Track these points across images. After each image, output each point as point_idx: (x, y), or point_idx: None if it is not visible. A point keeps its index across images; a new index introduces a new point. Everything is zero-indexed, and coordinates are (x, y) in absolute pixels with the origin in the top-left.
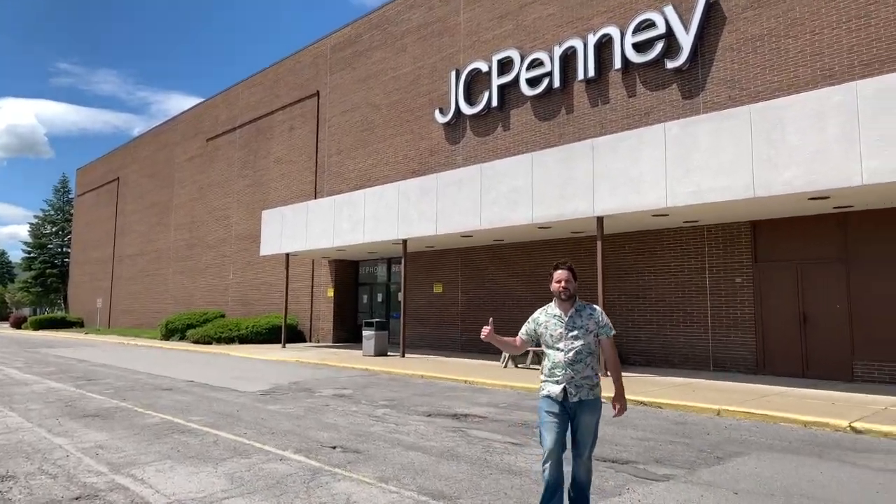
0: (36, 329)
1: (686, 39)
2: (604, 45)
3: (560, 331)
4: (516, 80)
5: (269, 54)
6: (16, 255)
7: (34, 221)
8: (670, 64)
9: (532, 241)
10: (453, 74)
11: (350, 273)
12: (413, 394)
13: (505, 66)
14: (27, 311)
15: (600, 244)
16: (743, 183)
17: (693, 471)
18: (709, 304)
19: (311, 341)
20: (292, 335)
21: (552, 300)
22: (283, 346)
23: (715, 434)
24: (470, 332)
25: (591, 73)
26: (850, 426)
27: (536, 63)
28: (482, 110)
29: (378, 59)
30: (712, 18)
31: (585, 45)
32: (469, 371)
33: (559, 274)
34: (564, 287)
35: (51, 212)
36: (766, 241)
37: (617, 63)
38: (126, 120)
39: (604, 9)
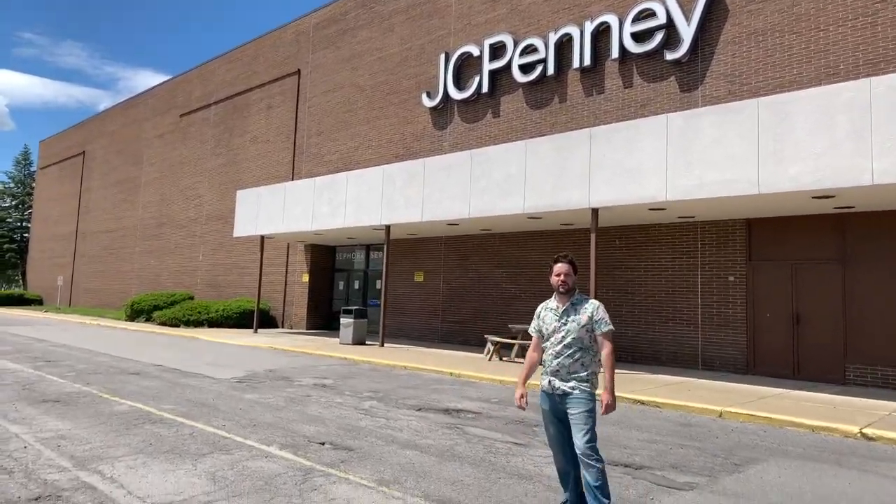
0: None
1: (687, 31)
2: (601, 34)
3: (555, 324)
4: (508, 66)
5: (249, 32)
6: None
7: None
8: (670, 55)
9: (519, 232)
10: (442, 57)
11: (326, 258)
12: (398, 386)
13: (497, 51)
14: None
15: (594, 237)
16: (747, 178)
17: (715, 479)
18: (700, 302)
19: (284, 327)
20: (264, 321)
21: (553, 294)
22: (255, 332)
23: (724, 438)
24: (451, 323)
25: (587, 62)
26: (861, 433)
27: (530, 49)
28: (471, 96)
29: (364, 39)
30: (714, 10)
31: (582, 33)
32: (453, 363)
33: (559, 267)
34: (563, 281)
35: (10, 185)
36: (761, 240)
37: (614, 52)
38: (92, 95)
39: None
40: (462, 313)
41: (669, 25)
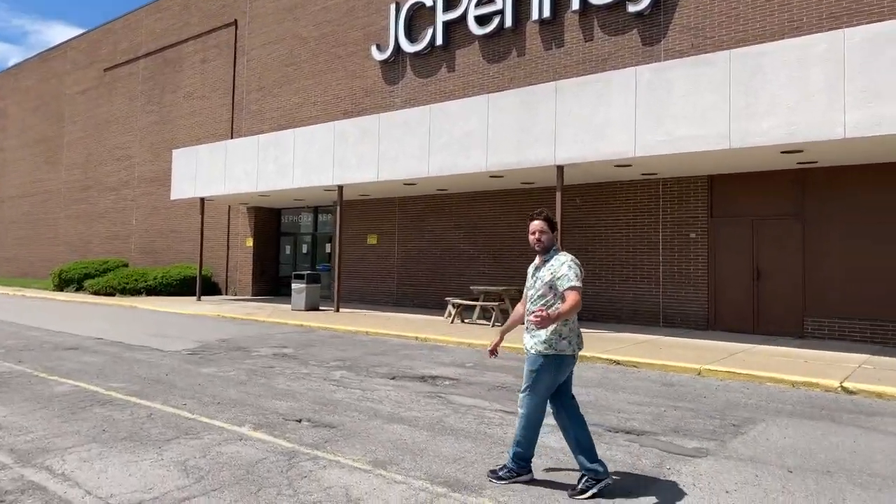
0: None
1: None
2: None
3: (528, 282)
4: (464, 17)
5: None
6: None
7: None
8: (632, 7)
9: (477, 192)
10: (393, 7)
11: (271, 222)
12: (365, 353)
13: (451, 1)
14: None
15: (559, 195)
16: (718, 132)
17: (723, 443)
18: (661, 260)
19: (228, 294)
20: (207, 288)
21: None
22: (199, 299)
23: (711, 397)
24: (407, 286)
25: (546, 14)
26: (842, 387)
27: None
28: (425, 49)
29: None
30: None
31: None
32: (416, 327)
33: (532, 225)
34: (537, 239)
35: None
36: (723, 196)
37: (574, 4)
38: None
39: None
40: (418, 276)
41: None
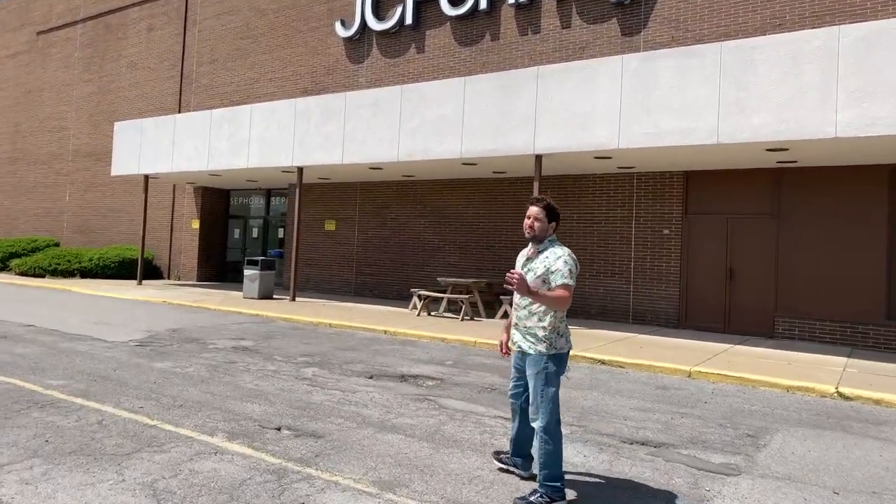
0: None
1: None
2: None
3: (519, 271)
4: None
5: None
6: None
7: None
8: None
9: (444, 180)
10: None
11: (219, 203)
12: (333, 347)
13: None
14: None
15: (537, 185)
16: (707, 127)
17: (750, 458)
18: (633, 256)
19: (171, 279)
20: (148, 271)
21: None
22: (140, 283)
23: (712, 403)
24: (367, 275)
25: None
26: (838, 392)
27: None
28: (393, 27)
29: None
30: None
31: None
32: (381, 319)
33: (530, 210)
34: (529, 225)
35: None
36: (698, 193)
37: None
38: None
39: None
40: (379, 265)
41: None
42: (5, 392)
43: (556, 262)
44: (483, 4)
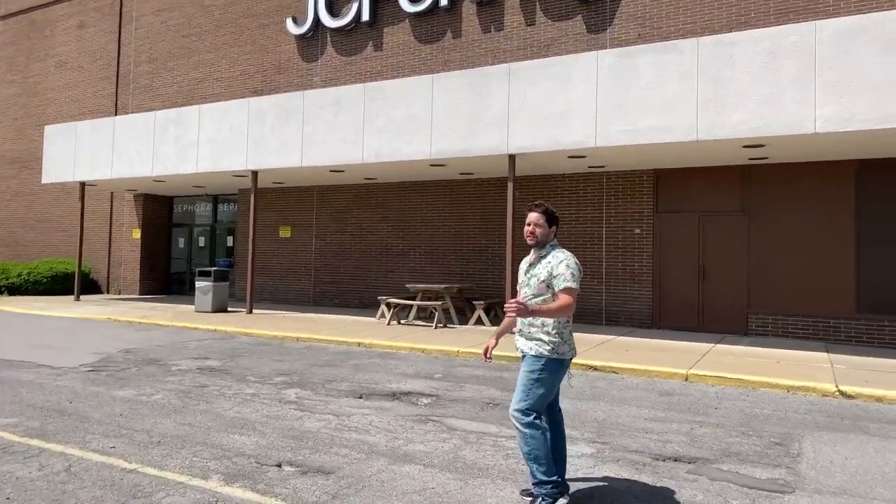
0: None
1: None
2: None
3: (522, 279)
4: None
5: None
6: None
7: None
8: None
9: (408, 182)
10: None
11: (162, 211)
12: (308, 364)
13: None
14: None
15: (511, 186)
16: (685, 124)
17: (793, 471)
18: (605, 256)
19: (111, 293)
20: (85, 285)
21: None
22: (78, 299)
23: (722, 409)
24: (326, 284)
25: None
26: (839, 391)
27: None
28: (349, 24)
29: None
30: None
31: None
32: (350, 330)
33: (529, 216)
34: (530, 231)
35: None
36: (669, 191)
37: None
38: None
39: None
40: (339, 273)
41: None
42: None
43: (559, 266)
44: (443, 1)
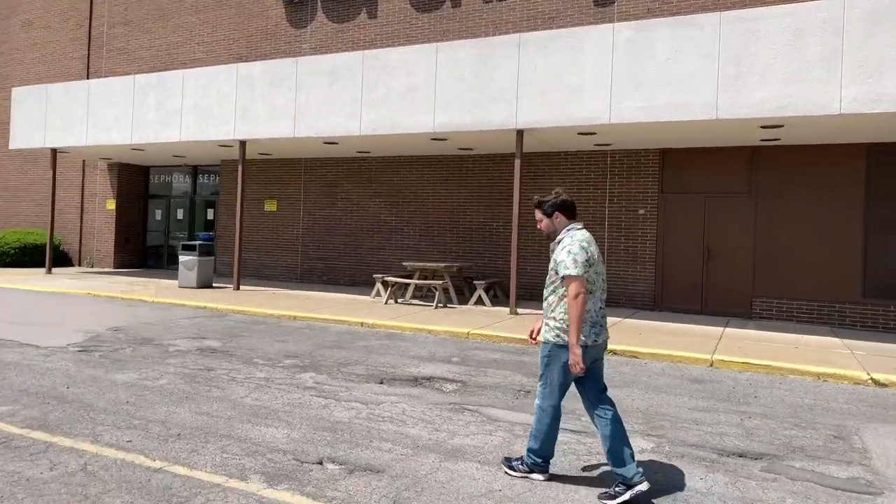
0: None
1: None
2: None
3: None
4: None
5: None
6: None
7: None
8: None
9: (403, 157)
10: None
11: (138, 181)
12: (315, 345)
13: None
14: None
15: (518, 163)
16: (704, 102)
17: (867, 467)
18: (607, 236)
19: (83, 265)
20: (55, 258)
21: None
22: (49, 272)
23: (762, 397)
24: (314, 260)
25: None
26: (872, 379)
27: None
28: None
29: None
30: None
31: None
32: (347, 308)
33: (535, 215)
34: (540, 228)
35: None
36: (674, 171)
37: None
38: None
39: None
40: (328, 249)
41: None
42: None
43: (561, 254)
44: None
